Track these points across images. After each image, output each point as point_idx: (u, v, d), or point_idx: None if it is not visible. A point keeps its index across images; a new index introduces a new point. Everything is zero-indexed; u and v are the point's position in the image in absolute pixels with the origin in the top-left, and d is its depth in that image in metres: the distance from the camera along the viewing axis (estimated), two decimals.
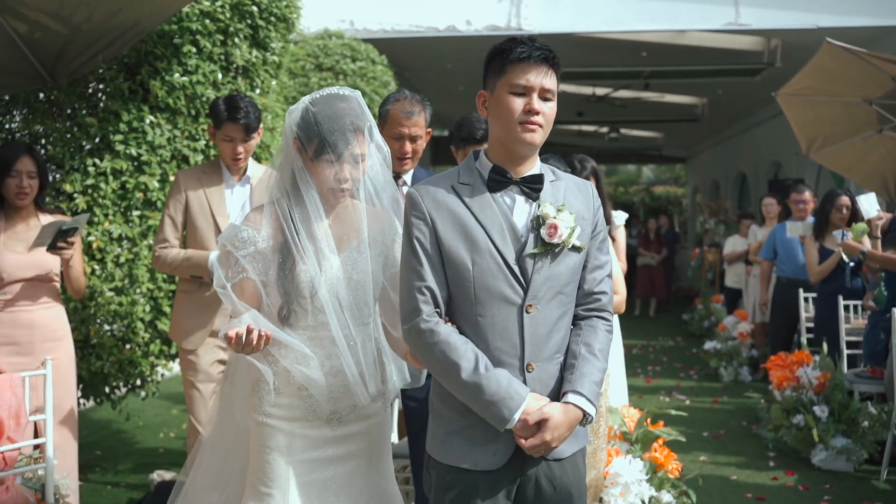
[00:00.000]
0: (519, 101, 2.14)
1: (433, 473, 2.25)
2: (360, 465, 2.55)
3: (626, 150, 23.10)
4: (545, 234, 2.15)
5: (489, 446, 2.17)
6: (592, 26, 9.31)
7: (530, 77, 2.13)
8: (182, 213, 3.90)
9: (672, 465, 3.96)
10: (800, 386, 5.68)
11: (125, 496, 4.88)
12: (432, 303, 2.16)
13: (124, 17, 4.28)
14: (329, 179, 2.41)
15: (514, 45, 2.15)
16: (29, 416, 3.38)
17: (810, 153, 7.32)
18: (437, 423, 2.26)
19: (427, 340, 2.13)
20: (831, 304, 6.15)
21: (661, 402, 7.43)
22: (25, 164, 3.88)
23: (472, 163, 2.25)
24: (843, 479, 5.24)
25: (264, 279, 2.44)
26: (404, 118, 3.46)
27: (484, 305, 2.15)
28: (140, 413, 6.26)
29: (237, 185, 3.98)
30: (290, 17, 5.17)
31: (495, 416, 2.10)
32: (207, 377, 3.91)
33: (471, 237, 2.15)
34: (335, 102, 2.42)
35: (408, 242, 2.20)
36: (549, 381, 2.20)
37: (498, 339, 2.15)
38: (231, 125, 3.83)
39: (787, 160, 13.29)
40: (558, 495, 2.22)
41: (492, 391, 2.08)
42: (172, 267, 3.87)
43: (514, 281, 2.15)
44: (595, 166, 4.48)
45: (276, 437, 2.47)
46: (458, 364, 2.10)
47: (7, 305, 3.87)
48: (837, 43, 5.99)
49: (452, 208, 2.17)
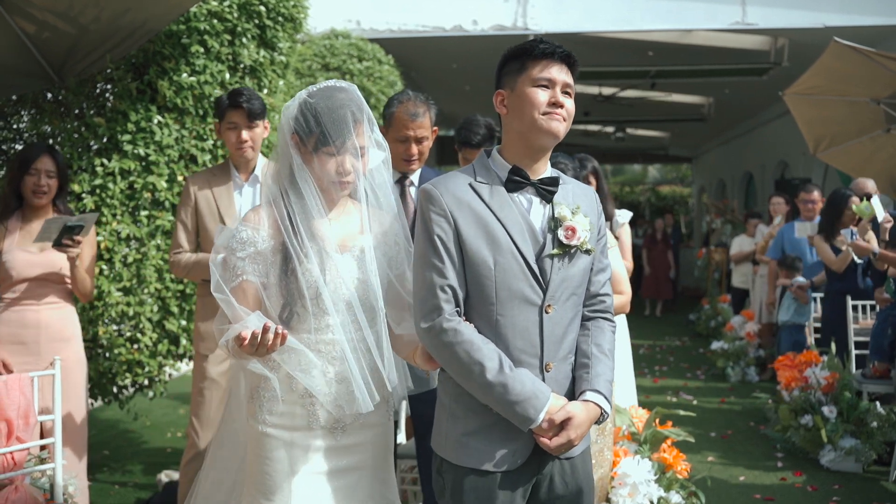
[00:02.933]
0: (543, 93, 2.16)
1: (447, 478, 2.22)
2: (364, 476, 2.45)
3: (632, 150, 23.07)
4: (563, 236, 2.16)
5: (509, 446, 2.16)
6: (598, 26, 9.31)
7: (553, 71, 2.16)
8: (192, 218, 3.88)
9: (681, 466, 3.95)
10: (808, 386, 5.67)
11: (133, 496, 4.89)
12: (454, 301, 2.15)
13: (132, 17, 4.28)
14: (331, 173, 2.33)
15: (535, 45, 2.18)
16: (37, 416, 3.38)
17: (817, 153, 7.30)
18: (450, 424, 2.22)
19: (450, 340, 2.11)
20: (839, 303, 6.13)
21: (668, 402, 7.42)
22: (45, 163, 3.90)
23: (486, 161, 2.25)
24: (852, 480, 5.22)
25: (265, 281, 2.33)
26: (409, 120, 3.43)
27: (504, 305, 2.14)
28: (148, 413, 6.27)
29: (246, 185, 3.95)
30: (298, 16, 5.17)
31: (520, 416, 2.09)
32: (214, 384, 3.89)
33: (492, 236, 2.14)
34: (334, 93, 2.34)
35: (427, 239, 2.16)
36: (564, 381, 2.22)
37: (518, 339, 2.15)
38: (233, 111, 3.82)
39: (794, 160, 13.26)
40: (570, 493, 2.23)
41: (517, 391, 2.08)
42: (186, 271, 3.86)
43: (534, 281, 2.15)
44: (596, 165, 4.48)
45: (276, 447, 2.36)
46: (482, 364, 2.08)
47: (15, 304, 3.87)
48: (845, 42, 5.97)
49: (473, 206, 2.16)
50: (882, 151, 7.04)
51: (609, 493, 3.70)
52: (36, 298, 3.89)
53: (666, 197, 24.77)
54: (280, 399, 2.36)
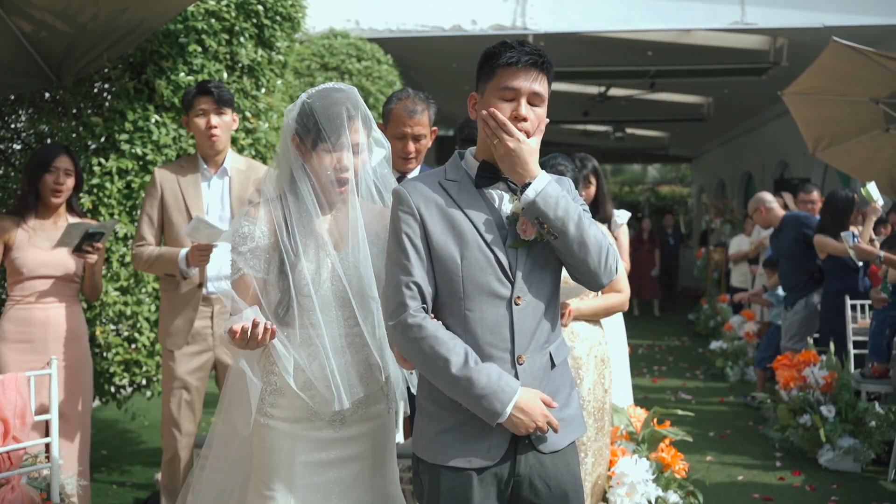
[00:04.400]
0: (506, 106, 2.12)
1: (424, 478, 2.22)
2: (364, 468, 2.51)
3: (631, 150, 23.06)
4: (519, 231, 2.16)
5: (483, 442, 2.14)
6: (598, 26, 9.30)
7: (518, 82, 2.12)
8: (158, 210, 3.82)
9: (679, 466, 3.95)
10: (806, 386, 5.66)
11: (131, 496, 4.88)
12: (419, 298, 2.14)
13: (130, 17, 4.28)
14: (328, 170, 2.38)
15: (503, 50, 2.13)
16: (35, 415, 3.37)
17: (817, 152, 7.29)
18: (425, 423, 2.22)
19: (414, 335, 2.11)
20: (838, 303, 6.13)
21: (667, 401, 7.42)
22: (63, 161, 3.93)
23: (458, 161, 2.26)
24: (851, 480, 5.22)
25: (264, 277, 2.42)
26: (407, 117, 3.42)
27: (472, 300, 2.14)
28: (145, 413, 6.25)
29: (214, 178, 3.87)
30: (296, 16, 5.16)
31: (487, 410, 2.08)
32: (183, 384, 3.83)
33: (459, 231, 2.14)
34: (331, 93, 2.42)
35: (395, 238, 2.18)
36: (539, 373, 2.19)
37: (487, 334, 2.14)
38: (202, 97, 3.78)
39: (794, 159, 13.25)
40: (554, 496, 2.20)
41: (482, 384, 2.07)
42: (148, 265, 3.80)
43: (501, 274, 2.14)
44: (596, 165, 4.46)
45: (278, 438, 2.44)
46: (447, 358, 2.08)
47: (23, 302, 3.88)
48: (844, 42, 5.96)
49: (440, 203, 2.17)
50: (881, 151, 7.03)
51: (607, 493, 3.70)
52: (44, 296, 3.90)
53: (665, 197, 24.74)
54: (282, 392, 2.44)
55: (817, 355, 5.84)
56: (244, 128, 4.89)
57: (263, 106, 5.00)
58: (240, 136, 4.84)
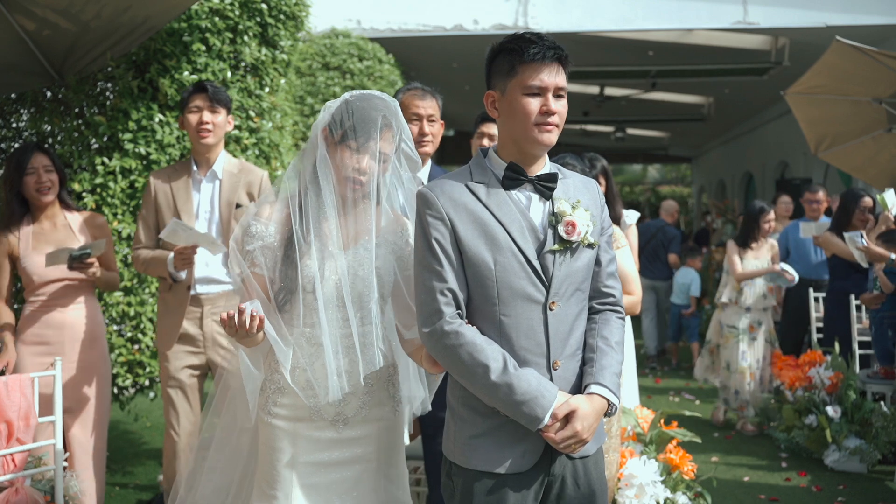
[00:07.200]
0: (534, 101, 2.11)
1: (457, 481, 2.19)
2: (367, 470, 2.51)
3: (631, 150, 23.08)
4: (563, 231, 2.13)
5: (518, 447, 2.13)
6: (599, 25, 9.30)
7: (544, 77, 2.10)
8: (153, 213, 3.86)
9: (688, 467, 3.92)
10: (812, 386, 5.64)
11: (134, 497, 4.86)
12: (454, 304, 2.12)
13: (133, 15, 4.25)
14: (347, 167, 2.40)
15: (525, 45, 2.10)
16: (40, 417, 3.35)
17: (819, 152, 7.27)
18: (458, 428, 2.20)
19: (452, 342, 2.09)
20: (842, 303, 6.10)
21: (671, 402, 7.40)
22: (39, 160, 3.87)
23: (482, 160, 2.23)
24: (857, 480, 5.20)
25: (272, 276, 2.43)
26: (418, 99, 3.57)
27: (507, 305, 2.11)
28: (148, 414, 6.23)
29: (204, 181, 3.88)
30: (300, 14, 5.14)
31: (527, 416, 2.06)
32: (178, 383, 3.85)
33: (491, 236, 2.11)
34: (373, 99, 2.46)
35: (425, 243, 2.15)
36: (572, 378, 2.18)
37: (523, 338, 2.12)
38: (197, 95, 3.80)
39: (795, 159, 13.25)
40: (582, 494, 2.20)
41: (523, 390, 2.05)
42: (144, 267, 3.84)
43: (535, 279, 2.12)
44: (605, 165, 4.43)
45: (281, 438, 2.45)
46: (486, 365, 2.06)
47: (40, 305, 3.86)
48: (847, 41, 5.95)
49: (470, 207, 2.13)
50: (884, 151, 7.02)
51: (615, 495, 3.67)
52: (62, 299, 3.88)
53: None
54: (284, 391, 2.46)
55: (822, 355, 5.82)
56: (248, 127, 4.87)
57: (267, 105, 4.98)
58: (243, 136, 4.82)
